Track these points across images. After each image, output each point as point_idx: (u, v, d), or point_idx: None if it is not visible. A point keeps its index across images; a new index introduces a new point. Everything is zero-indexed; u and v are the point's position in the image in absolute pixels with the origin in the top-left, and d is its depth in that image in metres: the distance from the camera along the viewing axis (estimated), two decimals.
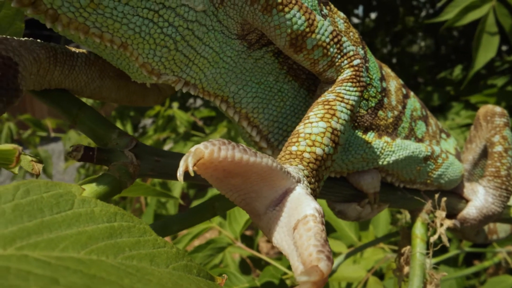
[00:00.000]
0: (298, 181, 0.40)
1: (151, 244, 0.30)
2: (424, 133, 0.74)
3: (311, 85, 0.56)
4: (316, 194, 0.44)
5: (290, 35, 0.46)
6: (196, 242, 2.45)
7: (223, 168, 0.35)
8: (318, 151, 0.45)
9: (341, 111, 0.48)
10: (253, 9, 0.44)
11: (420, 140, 0.73)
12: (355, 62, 0.51)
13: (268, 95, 0.53)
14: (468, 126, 2.12)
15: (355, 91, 0.50)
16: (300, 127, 0.47)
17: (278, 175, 0.38)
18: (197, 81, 0.47)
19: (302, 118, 0.56)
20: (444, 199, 0.67)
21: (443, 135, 0.82)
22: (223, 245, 1.12)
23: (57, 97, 0.50)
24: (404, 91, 0.74)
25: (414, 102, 0.75)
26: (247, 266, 1.68)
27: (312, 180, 0.43)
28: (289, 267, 1.37)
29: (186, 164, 0.32)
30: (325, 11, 0.57)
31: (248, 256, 1.60)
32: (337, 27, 0.59)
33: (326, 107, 0.48)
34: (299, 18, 0.46)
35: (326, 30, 0.48)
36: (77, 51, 0.52)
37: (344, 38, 0.50)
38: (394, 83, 0.71)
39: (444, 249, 1.21)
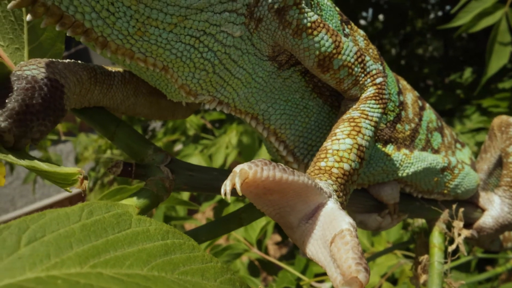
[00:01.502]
0: (329, 196, 0.42)
1: (200, 260, 0.33)
2: (440, 144, 0.77)
3: (334, 101, 0.58)
4: (344, 207, 0.47)
5: (318, 56, 0.49)
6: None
7: (264, 186, 0.37)
8: (346, 166, 0.47)
9: (366, 128, 0.50)
10: (284, 33, 0.47)
11: (437, 151, 0.75)
12: (378, 80, 0.53)
13: (294, 112, 0.55)
14: (479, 130, 2.13)
15: (378, 108, 0.53)
16: (327, 144, 0.49)
17: (312, 191, 0.40)
18: (230, 100, 0.50)
19: (325, 132, 0.58)
20: (461, 209, 0.69)
21: (458, 145, 0.84)
22: (239, 251, 1.15)
23: (95, 114, 0.53)
24: (420, 103, 0.76)
25: (429, 114, 0.78)
26: (256, 268, 1.70)
27: (341, 194, 0.46)
28: (302, 272, 1.39)
29: (233, 183, 0.34)
30: (347, 30, 0.59)
31: (256, 258, 1.62)
32: (358, 45, 0.62)
33: (352, 124, 0.50)
34: (327, 40, 0.48)
35: (351, 51, 0.51)
36: (113, 70, 0.55)
37: (367, 58, 0.53)
38: (410, 96, 0.73)
39: (456, 254, 1.23)
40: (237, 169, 0.36)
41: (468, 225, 0.78)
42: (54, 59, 0.48)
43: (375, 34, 3.98)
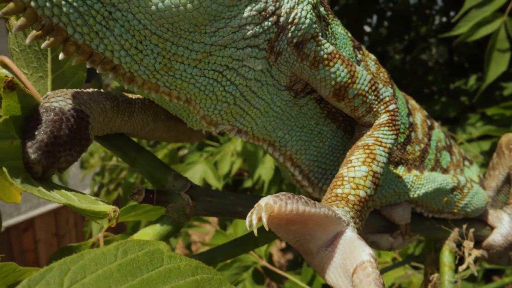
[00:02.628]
0: (348, 224, 0.44)
1: None
2: (449, 163, 0.78)
3: (347, 125, 0.60)
4: (360, 233, 0.48)
5: (334, 86, 0.50)
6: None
7: (287, 218, 0.39)
8: (362, 193, 0.48)
9: (380, 155, 0.52)
10: (302, 65, 0.48)
11: (446, 171, 0.76)
12: (391, 107, 0.55)
13: (309, 137, 0.57)
14: (484, 138, 2.13)
15: (392, 134, 0.54)
16: (343, 171, 0.51)
17: (332, 220, 0.42)
18: (249, 129, 0.51)
19: (339, 156, 0.60)
20: (472, 230, 0.70)
21: (466, 163, 0.85)
22: (248, 263, 1.16)
23: (116, 141, 0.55)
24: (429, 122, 0.77)
25: (438, 133, 0.79)
26: (260, 275, 1.71)
27: (357, 220, 0.47)
28: (309, 283, 1.40)
29: (259, 217, 0.36)
30: (359, 56, 0.61)
31: (261, 266, 1.63)
32: (369, 69, 0.63)
33: (367, 151, 0.52)
34: (342, 71, 0.50)
35: (365, 80, 0.52)
36: (134, 98, 0.56)
37: (381, 85, 0.54)
38: (419, 116, 0.74)
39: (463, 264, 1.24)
40: (262, 202, 0.38)
41: (477, 242, 0.79)
42: (79, 90, 0.50)
43: (380, 40, 4.00)
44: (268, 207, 0.37)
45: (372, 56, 0.66)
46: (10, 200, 0.85)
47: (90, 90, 0.51)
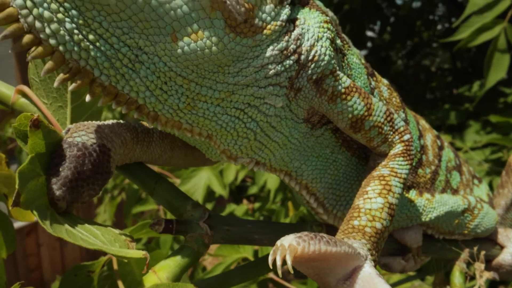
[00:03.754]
0: (366, 258, 0.45)
1: None
2: (459, 183, 0.78)
3: (361, 153, 0.61)
4: (376, 264, 0.49)
5: (351, 119, 0.51)
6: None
7: (309, 257, 0.40)
8: (378, 225, 0.49)
9: (396, 186, 0.53)
10: (321, 100, 0.49)
11: (456, 191, 0.77)
12: (406, 137, 0.55)
13: (325, 166, 0.57)
14: (488, 146, 2.14)
15: (406, 164, 0.55)
16: (360, 202, 0.51)
17: (351, 257, 0.43)
18: (267, 161, 0.52)
19: (353, 183, 0.60)
20: (483, 252, 0.71)
21: (476, 181, 0.86)
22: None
23: (135, 170, 0.56)
24: (439, 142, 0.78)
25: (448, 153, 0.79)
26: (266, 286, 1.72)
27: (374, 252, 0.48)
28: None
29: (283, 259, 0.37)
30: (373, 83, 0.62)
31: (267, 278, 1.64)
32: (383, 95, 0.64)
33: (383, 182, 0.52)
34: (359, 104, 0.51)
35: (381, 111, 0.53)
36: (152, 127, 0.57)
37: (395, 115, 0.55)
38: (430, 136, 0.75)
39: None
40: (285, 243, 0.38)
41: (487, 261, 0.80)
42: (100, 123, 0.51)
43: (383, 45, 4.01)
44: (292, 248, 0.38)
45: (385, 81, 0.67)
46: (25, 219, 0.86)
47: (111, 122, 0.52)
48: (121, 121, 0.54)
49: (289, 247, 0.38)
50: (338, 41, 0.54)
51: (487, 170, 1.94)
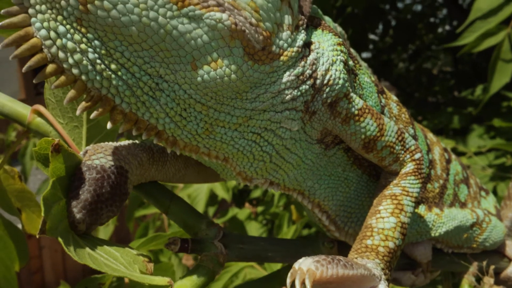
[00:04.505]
0: (380, 278, 0.46)
1: None
2: (467, 196, 0.79)
3: (372, 170, 0.61)
4: (389, 283, 0.50)
5: (364, 140, 0.52)
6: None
7: (326, 280, 0.41)
8: (391, 244, 0.50)
9: (407, 205, 0.53)
10: (334, 122, 0.50)
11: (464, 204, 0.77)
12: (416, 156, 0.56)
13: (336, 184, 0.58)
14: (491, 151, 2.14)
15: (418, 183, 0.56)
16: (372, 221, 0.52)
17: (367, 278, 0.44)
18: (281, 181, 0.53)
19: (364, 200, 0.61)
20: (492, 267, 0.71)
21: (483, 193, 0.87)
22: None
23: (150, 189, 0.56)
24: (446, 156, 0.78)
25: (455, 166, 0.80)
26: None
27: (387, 271, 0.49)
28: None
29: (301, 282, 0.38)
30: (383, 101, 0.62)
31: None
32: (392, 112, 0.65)
33: (395, 202, 0.53)
34: (372, 125, 0.52)
35: (392, 131, 0.54)
36: None
37: (406, 134, 0.56)
38: (437, 150, 0.76)
39: None
40: (304, 267, 0.39)
41: (495, 274, 0.80)
42: (117, 144, 0.52)
43: (385, 48, 4.01)
44: (310, 273, 0.38)
45: (394, 98, 0.67)
46: (36, 231, 0.86)
47: (127, 143, 0.53)
48: (137, 141, 0.55)
49: (307, 271, 0.38)
50: (350, 62, 0.54)
51: (491, 175, 1.95)
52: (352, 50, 0.60)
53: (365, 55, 3.94)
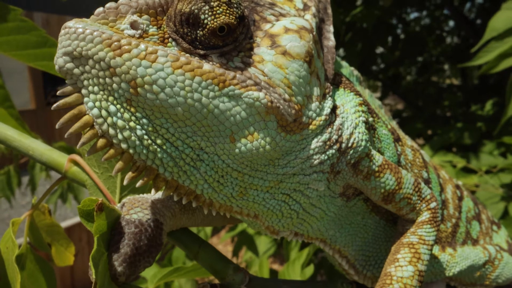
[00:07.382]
0: None
1: None
2: (479, 232, 0.82)
3: (389, 215, 0.65)
4: None
5: (383, 193, 0.55)
6: None
7: None
8: None
9: (424, 253, 0.57)
10: (357, 178, 0.54)
11: (476, 241, 0.80)
12: (432, 205, 0.59)
13: (356, 231, 0.61)
14: (504, 170, 2.14)
15: (433, 231, 0.59)
16: (391, 269, 0.55)
17: None
18: (305, 232, 0.56)
19: (381, 244, 0.64)
20: None
21: (495, 227, 0.89)
22: None
23: (181, 235, 0.60)
24: (458, 193, 0.81)
25: (467, 202, 0.83)
26: None
27: None
28: None
29: None
30: (399, 149, 0.66)
31: None
32: (407, 158, 0.68)
33: (412, 250, 0.56)
34: (391, 179, 0.55)
35: (410, 183, 0.57)
36: None
37: (422, 184, 0.59)
38: (450, 188, 0.79)
39: None
40: None
41: None
42: (153, 198, 0.55)
43: (393, 61, 4.03)
44: None
45: (409, 143, 0.71)
46: (65, 263, 0.91)
47: (161, 196, 0.57)
48: None
49: None
50: (370, 119, 0.58)
51: (502, 195, 1.96)
52: (367, 93, 0.63)
53: (373, 68, 3.97)
